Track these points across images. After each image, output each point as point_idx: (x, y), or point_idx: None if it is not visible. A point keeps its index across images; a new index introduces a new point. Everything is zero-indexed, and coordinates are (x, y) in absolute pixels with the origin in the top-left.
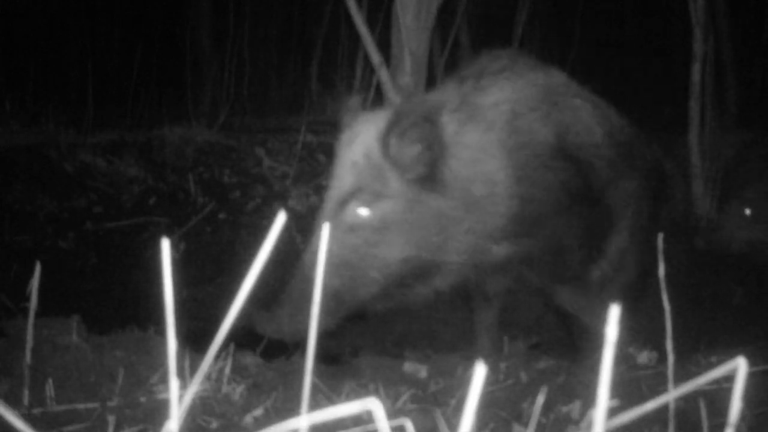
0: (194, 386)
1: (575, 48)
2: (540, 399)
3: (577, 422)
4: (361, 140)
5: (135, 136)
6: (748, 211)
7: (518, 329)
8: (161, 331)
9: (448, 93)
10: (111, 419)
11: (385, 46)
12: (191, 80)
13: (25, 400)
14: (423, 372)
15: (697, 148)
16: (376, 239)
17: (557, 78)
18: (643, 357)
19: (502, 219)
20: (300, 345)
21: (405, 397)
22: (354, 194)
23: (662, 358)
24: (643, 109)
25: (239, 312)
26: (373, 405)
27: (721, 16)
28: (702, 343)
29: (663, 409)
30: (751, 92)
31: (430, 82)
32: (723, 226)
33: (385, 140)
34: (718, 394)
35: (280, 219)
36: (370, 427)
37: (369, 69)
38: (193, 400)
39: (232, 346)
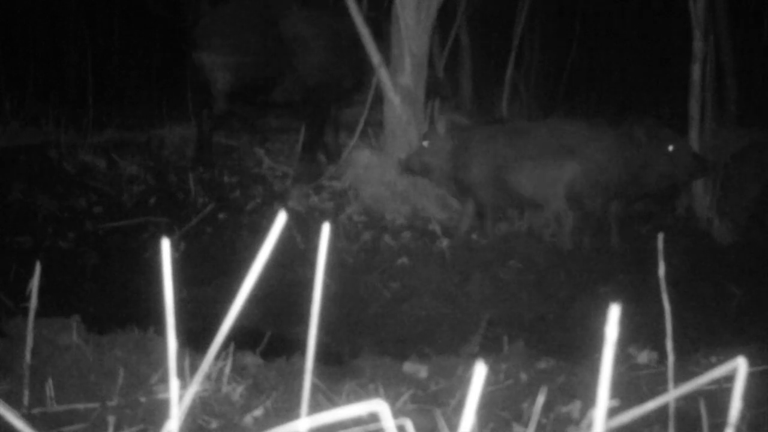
0: (194, 386)
1: (575, 48)
2: (540, 399)
3: (577, 422)
4: None
5: (135, 136)
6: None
7: (518, 329)
8: (161, 331)
9: None
10: (111, 419)
11: (384, 46)
12: (191, 80)
13: (25, 400)
14: (423, 372)
15: (696, 148)
16: None
17: None
18: (643, 357)
19: None
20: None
21: (405, 397)
22: None
23: (662, 358)
24: (643, 109)
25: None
26: (379, 406)
27: (721, 16)
28: (702, 343)
29: (663, 409)
30: (751, 92)
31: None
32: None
33: None
34: (718, 394)
35: (281, 219)
36: (371, 427)
37: (369, 69)
38: (193, 400)
39: (232, 346)
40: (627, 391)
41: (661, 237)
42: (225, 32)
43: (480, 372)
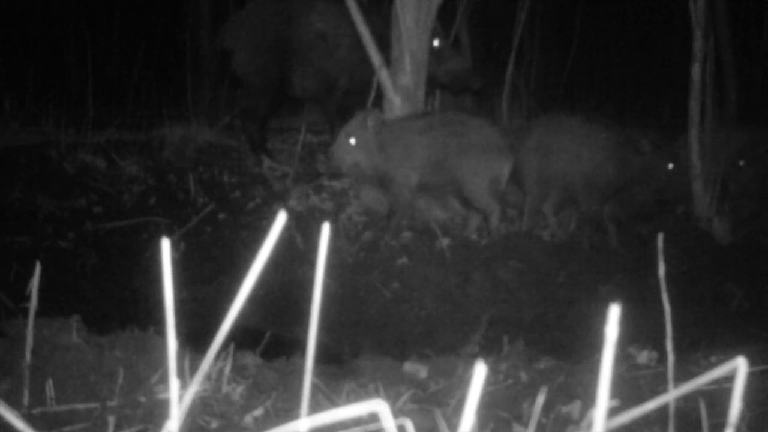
0: (194, 386)
1: (575, 48)
2: (540, 399)
3: (577, 422)
4: None
5: (135, 136)
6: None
7: (518, 329)
8: (161, 331)
9: None
10: (111, 419)
11: (385, 46)
12: (191, 80)
13: (25, 400)
14: (423, 372)
15: (697, 148)
16: None
17: None
18: (643, 357)
19: None
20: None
21: (405, 397)
22: None
23: (662, 358)
24: (643, 109)
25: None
26: (379, 406)
27: (721, 16)
28: (702, 343)
29: (663, 409)
30: (751, 92)
31: (430, 83)
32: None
33: None
34: (718, 394)
35: (281, 219)
36: (371, 427)
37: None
38: (193, 400)
39: (232, 346)
40: (627, 391)
41: (661, 237)
42: (251, 29)
43: (480, 372)
